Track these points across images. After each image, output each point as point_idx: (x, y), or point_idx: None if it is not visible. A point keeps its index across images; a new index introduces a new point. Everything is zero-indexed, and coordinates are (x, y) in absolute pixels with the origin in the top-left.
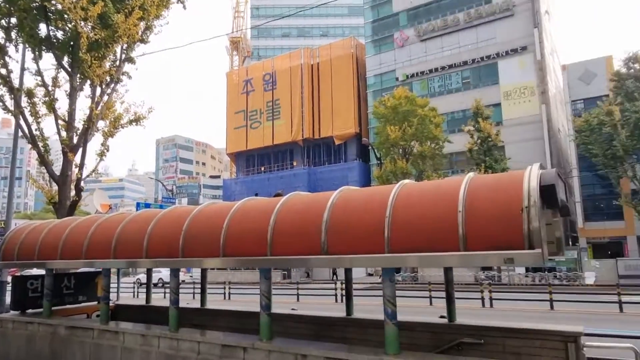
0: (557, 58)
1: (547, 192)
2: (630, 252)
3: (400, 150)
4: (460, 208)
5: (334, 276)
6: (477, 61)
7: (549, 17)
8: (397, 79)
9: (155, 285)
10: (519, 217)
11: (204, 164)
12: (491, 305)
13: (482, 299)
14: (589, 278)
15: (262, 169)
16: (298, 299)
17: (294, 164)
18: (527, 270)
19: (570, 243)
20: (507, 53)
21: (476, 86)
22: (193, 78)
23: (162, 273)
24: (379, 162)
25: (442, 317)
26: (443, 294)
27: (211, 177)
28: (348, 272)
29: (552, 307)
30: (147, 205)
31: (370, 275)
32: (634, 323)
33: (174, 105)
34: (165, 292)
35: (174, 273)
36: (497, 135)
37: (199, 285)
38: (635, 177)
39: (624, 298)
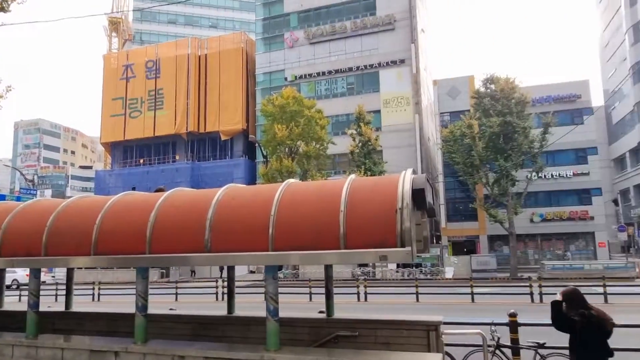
0: (429, 73)
1: (417, 195)
2: (481, 249)
3: (287, 149)
4: (342, 208)
5: (221, 274)
6: (361, 69)
7: (425, 35)
8: (286, 78)
9: (9, 287)
10: (394, 217)
11: (73, 152)
12: (366, 300)
13: (358, 293)
14: (449, 273)
15: (141, 161)
16: (177, 299)
17: (177, 157)
18: (397, 266)
19: (435, 241)
20: (388, 64)
21: (359, 92)
22: (66, 58)
23: (17, 274)
24: (265, 159)
25: (321, 312)
26: (323, 290)
27: (82, 167)
28: (231, 270)
29: (417, 299)
30: (2, 198)
31: (252, 272)
32: (483, 311)
33: (41, 86)
34: (21, 295)
35: (34, 273)
36: (377, 140)
37: (64, 287)
38: (487, 183)
39: (476, 290)
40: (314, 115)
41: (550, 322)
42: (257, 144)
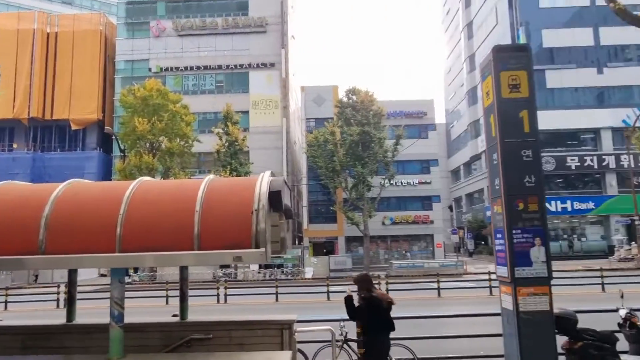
0: (297, 79)
1: (274, 197)
2: (339, 249)
3: (148, 144)
4: (197, 208)
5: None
6: (231, 68)
7: (295, 41)
8: (150, 69)
9: None
10: (250, 219)
11: None
12: (226, 301)
13: (218, 295)
14: (308, 273)
15: None
16: (6, 307)
17: (15, 146)
18: (259, 267)
19: (297, 242)
20: (258, 66)
21: (229, 91)
22: None
23: None
24: (122, 154)
25: (174, 315)
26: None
27: None
28: (72, 273)
29: (277, 299)
30: None
31: (103, 275)
32: (337, 308)
33: None
34: None
35: None
36: (244, 141)
37: None
38: (346, 188)
39: (331, 288)
40: (180, 111)
41: (395, 316)
42: (113, 137)
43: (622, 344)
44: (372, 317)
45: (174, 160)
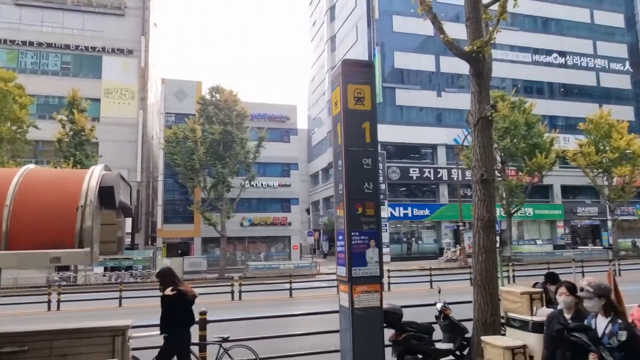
0: (158, 70)
1: (107, 193)
2: (195, 251)
3: None
4: (7, 202)
5: None
6: (80, 49)
7: (157, 30)
8: None
9: None
10: (74, 215)
11: None
12: (58, 308)
13: (49, 302)
14: None
15: None
16: None
17: None
18: (105, 269)
19: (150, 242)
20: (113, 51)
21: (77, 75)
22: None
23: None
24: None
25: None
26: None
27: None
28: None
29: (120, 304)
30: None
31: None
32: None
33: None
34: None
35: None
36: (92, 131)
37: None
38: (205, 188)
39: None
40: (13, 91)
41: (239, 317)
42: None
43: (439, 333)
44: (176, 311)
45: (3, 147)
